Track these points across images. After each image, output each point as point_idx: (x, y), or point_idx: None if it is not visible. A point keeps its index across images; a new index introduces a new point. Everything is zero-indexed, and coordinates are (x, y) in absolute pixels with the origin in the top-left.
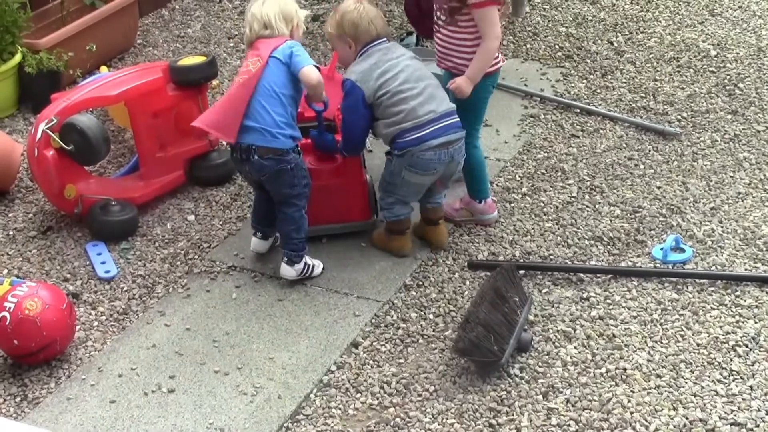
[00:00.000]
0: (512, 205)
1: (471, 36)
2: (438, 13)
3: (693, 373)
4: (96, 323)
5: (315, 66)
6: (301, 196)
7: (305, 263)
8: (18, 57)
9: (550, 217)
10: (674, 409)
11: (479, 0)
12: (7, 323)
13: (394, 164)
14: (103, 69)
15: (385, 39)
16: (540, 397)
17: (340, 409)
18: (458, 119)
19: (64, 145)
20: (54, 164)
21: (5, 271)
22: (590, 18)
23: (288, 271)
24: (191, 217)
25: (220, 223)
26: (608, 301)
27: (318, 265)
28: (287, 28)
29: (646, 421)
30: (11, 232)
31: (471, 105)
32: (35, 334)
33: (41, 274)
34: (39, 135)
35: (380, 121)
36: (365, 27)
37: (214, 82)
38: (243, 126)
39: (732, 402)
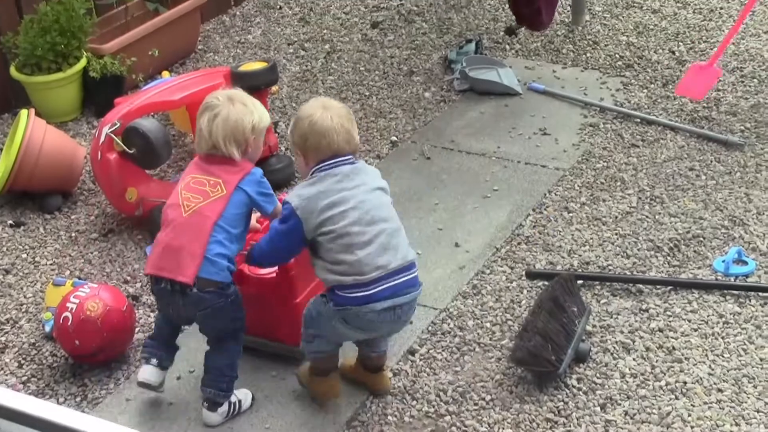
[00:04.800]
0: (571, 214)
1: None
2: None
3: (756, 388)
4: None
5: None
6: (242, 327)
7: (230, 402)
8: (83, 61)
9: (609, 227)
10: (736, 424)
11: None
12: (69, 323)
13: (327, 309)
14: (165, 74)
15: (349, 157)
16: (598, 408)
17: (395, 416)
18: (415, 274)
19: (127, 149)
20: (116, 167)
21: (67, 272)
22: (651, 27)
23: (212, 417)
24: None
25: None
26: (668, 312)
27: (246, 398)
28: (239, 150)
29: None
30: (73, 234)
31: None
32: (96, 335)
33: (102, 276)
34: (102, 138)
35: (319, 261)
36: (315, 142)
37: (274, 88)
38: None
39: None
